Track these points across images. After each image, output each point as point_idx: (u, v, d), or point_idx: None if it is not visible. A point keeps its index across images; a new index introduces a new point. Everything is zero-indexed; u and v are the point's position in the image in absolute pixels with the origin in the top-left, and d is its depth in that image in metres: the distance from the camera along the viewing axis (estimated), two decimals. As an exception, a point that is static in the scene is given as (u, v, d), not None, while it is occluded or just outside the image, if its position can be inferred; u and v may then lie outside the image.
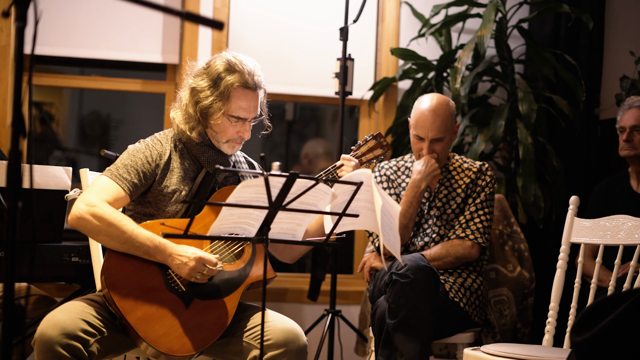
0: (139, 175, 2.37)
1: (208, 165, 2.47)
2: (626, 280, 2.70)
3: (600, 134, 4.27)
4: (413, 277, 2.78)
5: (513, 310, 3.44)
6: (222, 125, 2.43)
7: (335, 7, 4.25)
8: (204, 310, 2.31)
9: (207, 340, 2.29)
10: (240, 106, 2.43)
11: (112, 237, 2.24)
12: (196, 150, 2.48)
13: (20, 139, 1.36)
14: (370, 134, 2.66)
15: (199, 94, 2.42)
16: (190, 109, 2.43)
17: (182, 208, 2.43)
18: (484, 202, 3.18)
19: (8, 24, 3.90)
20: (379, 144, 2.66)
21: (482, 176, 3.21)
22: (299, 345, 2.29)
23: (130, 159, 2.38)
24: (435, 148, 3.15)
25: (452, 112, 3.17)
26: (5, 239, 1.36)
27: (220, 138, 2.46)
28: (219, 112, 2.41)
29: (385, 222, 2.13)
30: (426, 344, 2.77)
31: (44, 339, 2.09)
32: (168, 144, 2.47)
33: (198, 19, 1.52)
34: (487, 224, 3.17)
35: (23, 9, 1.37)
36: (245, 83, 2.42)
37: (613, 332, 1.53)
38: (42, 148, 4.43)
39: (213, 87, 2.41)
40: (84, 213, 2.24)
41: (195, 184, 2.46)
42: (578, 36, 4.27)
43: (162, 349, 2.22)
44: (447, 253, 3.11)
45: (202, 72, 2.46)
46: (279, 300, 4.21)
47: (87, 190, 2.33)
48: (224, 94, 2.40)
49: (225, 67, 2.43)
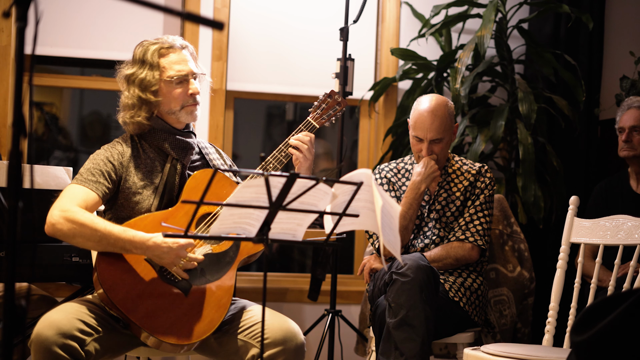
0: (103, 175, 2.39)
1: (173, 150, 2.48)
2: (626, 280, 2.70)
3: (600, 134, 4.28)
4: (413, 276, 2.78)
5: (513, 310, 3.44)
6: (167, 93, 2.46)
7: (336, 7, 4.25)
8: (203, 294, 2.34)
9: (213, 322, 2.32)
10: (173, 62, 2.46)
11: (87, 238, 2.26)
12: (157, 140, 2.49)
13: (20, 139, 1.36)
14: (324, 94, 2.69)
15: (132, 77, 2.46)
16: (132, 97, 2.45)
17: (156, 200, 2.44)
18: (483, 204, 3.18)
19: (8, 24, 3.90)
20: (335, 101, 2.70)
21: (482, 178, 3.21)
22: (296, 343, 2.30)
23: (92, 163, 2.42)
24: (435, 149, 3.15)
25: (451, 113, 3.17)
26: (6, 239, 1.36)
27: (174, 107, 2.47)
28: (158, 81, 2.45)
29: (385, 222, 2.13)
30: (426, 343, 2.77)
31: (40, 339, 2.10)
32: (127, 143, 2.49)
33: (198, 19, 1.52)
34: (487, 225, 3.17)
35: (23, 9, 1.37)
36: (168, 45, 2.47)
37: (613, 332, 1.53)
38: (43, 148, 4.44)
39: (141, 65, 2.46)
40: (58, 218, 2.27)
41: (164, 173, 2.47)
42: (578, 36, 4.27)
43: (172, 341, 2.25)
44: (447, 255, 3.11)
45: (127, 65, 2.50)
46: (279, 300, 4.21)
47: (58, 199, 2.35)
48: (153, 64, 2.45)
49: (143, 47, 2.48)
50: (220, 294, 2.36)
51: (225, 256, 2.42)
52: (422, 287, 2.78)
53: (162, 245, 2.26)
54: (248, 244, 2.47)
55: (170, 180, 2.47)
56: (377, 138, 4.34)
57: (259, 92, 4.34)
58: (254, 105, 4.73)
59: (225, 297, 2.36)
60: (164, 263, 2.28)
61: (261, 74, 4.29)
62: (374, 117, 4.36)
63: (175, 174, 2.48)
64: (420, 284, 2.78)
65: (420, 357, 2.75)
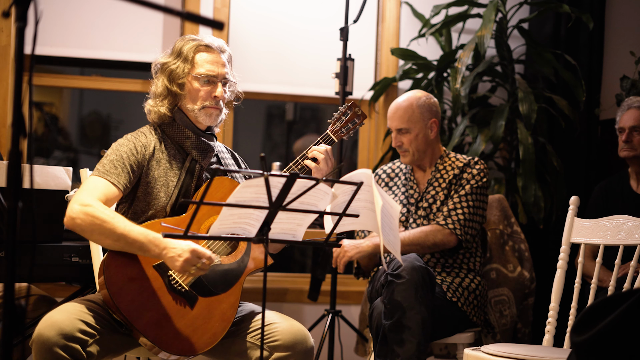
0: (126, 168, 2.36)
1: (194, 150, 2.47)
2: (626, 281, 2.70)
3: (600, 134, 4.27)
4: (408, 277, 2.78)
5: (513, 310, 3.44)
6: (192, 89, 2.46)
7: (336, 7, 4.25)
8: (209, 306, 2.32)
9: (216, 336, 2.30)
10: (206, 61, 2.47)
11: (106, 235, 2.23)
12: (179, 135, 2.48)
13: (20, 139, 1.36)
14: (345, 106, 2.64)
15: (165, 65, 2.48)
16: (160, 86, 2.48)
17: (171, 199, 2.42)
18: (468, 194, 3.13)
19: (8, 24, 3.90)
20: (355, 114, 2.64)
21: (469, 169, 3.18)
22: (306, 347, 2.30)
23: (115, 154, 2.38)
24: (403, 140, 3.18)
25: (421, 105, 3.17)
26: (6, 239, 1.36)
27: (195, 105, 2.47)
28: (187, 74, 2.46)
29: (385, 222, 2.14)
30: (422, 343, 2.77)
31: (41, 339, 2.09)
32: (152, 135, 2.48)
33: (198, 19, 1.52)
34: (469, 217, 3.11)
35: (23, 9, 1.37)
36: (206, 44, 2.49)
37: (613, 332, 1.53)
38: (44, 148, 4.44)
39: (177, 57, 2.48)
40: (78, 213, 2.24)
41: (182, 172, 2.46)
42: (578, 36, 4.27)
43: (174, 351, 2.23)
44: (425, 238, 3.06)
45: (166, 55, 2.53)
46: (279, 301, 4.21)
47: (78, 192, 2.32)
48: (187, 58, 2.47)
49: (184, 41, 2.51)
50: (225, 308, 2.34)
51: (233, 269, 2.39)
52: (418, 288, 2.78)
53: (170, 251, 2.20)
54: (258, 258, 2.45)
55: (187, 182, 2.45)
56: (377, 138, 4.34)
57: (259, 92, 4.34)
58: (254, 105, 4.73)
59: (229, 311, 2.34)
60: (176, 266, 2.21)
61: (261, 74, 4.29)
62: (374, 117, 4.36)
63: (193, 175, 2.46)
64: (415, 285, 2.78)
65: (416, 357, 2.74)
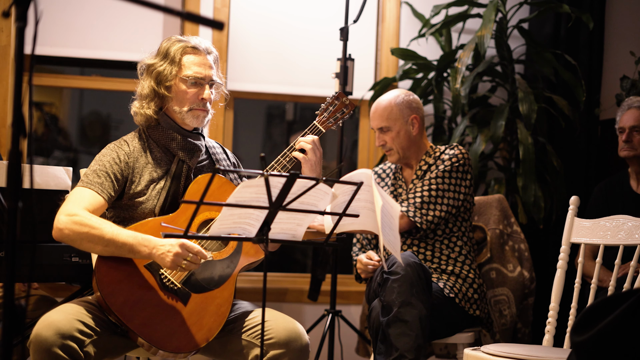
0: (110, 177, 2.37)
1: (180, 151, 2.47)
2: (626, 281, 2.70)
3: (600, 134, 4.27)
4: (403, 273, 2.81)
5: (513, 310, 3.44)
6: (179, 91, 2.45)
7: (336, 7, 4.25)
8: (202, 303, 2.32)
9: (212, 331, 2.31)
10: (193, 63, 2.46)
11: (95, 242, 2.24)
12: (164, 138, 2.47)
13: (20, 139, 1.36)
14: (332, 96, 2.63)
15: (151, 66, 2.47)
16: (146, 88, 2.46)
17: (159, 202, 2.42)
18: (432, 179, 3.11)
19: (8, 24, 3.90)
20: (342, 104, 2.63)
21: (442, 156, 3.17)
22: (301, 344, 2.29)
23: (98, 164, 2.40)
24: (386, 139, 3.19)
25: (400, 103, 3.17)
26: (6, 239, 1.36)
27: (182, 107, 2.46)
28: (174, 77, 2.44)
29: (385, 222, 2.14)
30: (420, 336, 2.77)
31: (39, 340, 2.09)
32: (135, 142, 2.48)
33: (198, 19, 1.52)
34: (429, 199, 3.07)
35: (23, 9, 1.37)
36: (193, 46, 2.48)
37: (613, 332, 1.53)
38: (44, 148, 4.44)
39: (164, 58, 2.47)
40: (66, 223, 2.26)
41: (168, 178, 2.45)
42: (578, 36, 4.27)
43: (169, 349, 2.24)
44: None
45: (150, 56, 2.52)
46: (279, 300, 4.21)
47: (64, 203, 2.34)
48: (174, 60, 2.45)
49: (170, 42, 2.50)
50: (220, 303, 2.34)
51: (226, 264, 2.40)
52: (413, 283, 2.80)
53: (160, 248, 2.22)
54: (249, 252, 2.45)
55: (176, 183, 2.45)
56: (377, 138, 4.34)
57: (259, 92, 4.34)
58: (254, 105, 4.73)
59: (224, 306, 2.35)
60: (167, 263, 2.22)
61: (261, 74, 4.29)
62: (374, 117, 4.36)
63: (181, 176, 2.46)
64: (410, 281, 2.80)
65: (415, 350, 2.75)
